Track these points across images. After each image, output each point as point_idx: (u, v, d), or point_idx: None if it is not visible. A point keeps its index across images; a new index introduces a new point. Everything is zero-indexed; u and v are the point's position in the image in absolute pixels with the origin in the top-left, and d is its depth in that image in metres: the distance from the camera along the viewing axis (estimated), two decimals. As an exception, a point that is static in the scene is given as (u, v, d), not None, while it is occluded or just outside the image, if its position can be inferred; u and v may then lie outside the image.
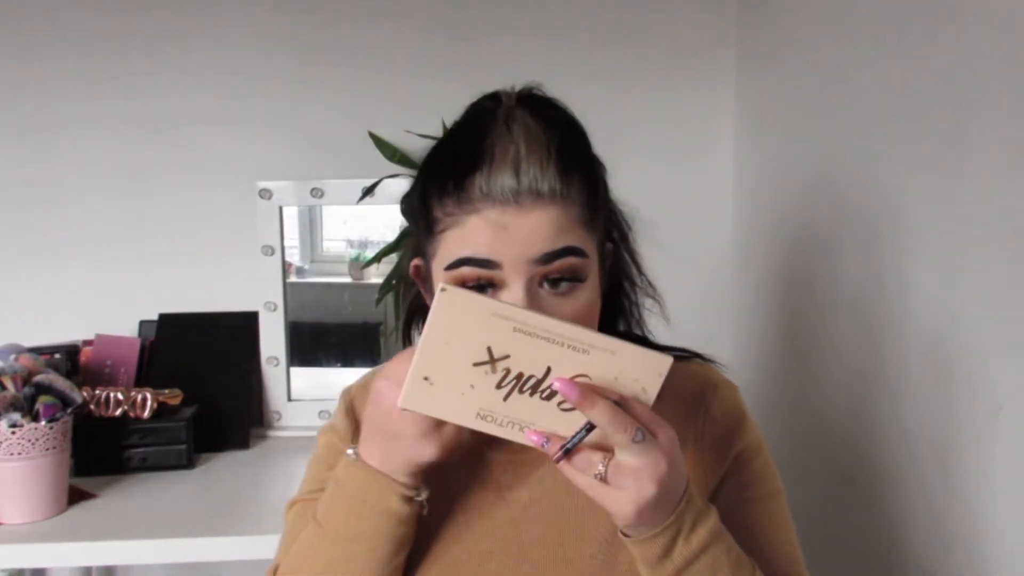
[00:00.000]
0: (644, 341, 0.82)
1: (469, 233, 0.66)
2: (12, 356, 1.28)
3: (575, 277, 0.68)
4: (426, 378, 0.63)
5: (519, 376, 0.62)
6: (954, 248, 0.96)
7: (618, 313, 0.82)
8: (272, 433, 1.66)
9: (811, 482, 1.34)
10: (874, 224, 1.15)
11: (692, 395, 0.80)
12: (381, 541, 0.71)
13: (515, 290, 0.66)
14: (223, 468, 1.47)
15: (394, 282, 1.52)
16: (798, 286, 1.43)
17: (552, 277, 0.67)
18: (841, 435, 1.26)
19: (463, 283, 0.67)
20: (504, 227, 0.65)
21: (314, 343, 1.74)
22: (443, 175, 0.68)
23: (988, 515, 0.91)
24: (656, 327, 0.84)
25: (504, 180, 0.65)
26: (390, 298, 1.54)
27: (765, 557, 0.75)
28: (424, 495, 0.72)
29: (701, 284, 1.76)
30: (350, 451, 0.72)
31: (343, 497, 0.72)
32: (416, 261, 0.77)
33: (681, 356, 0.82)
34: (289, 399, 1.69)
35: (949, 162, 0.96)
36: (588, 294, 0.69)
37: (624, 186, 0.80)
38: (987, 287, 0.90)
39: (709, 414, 0.80)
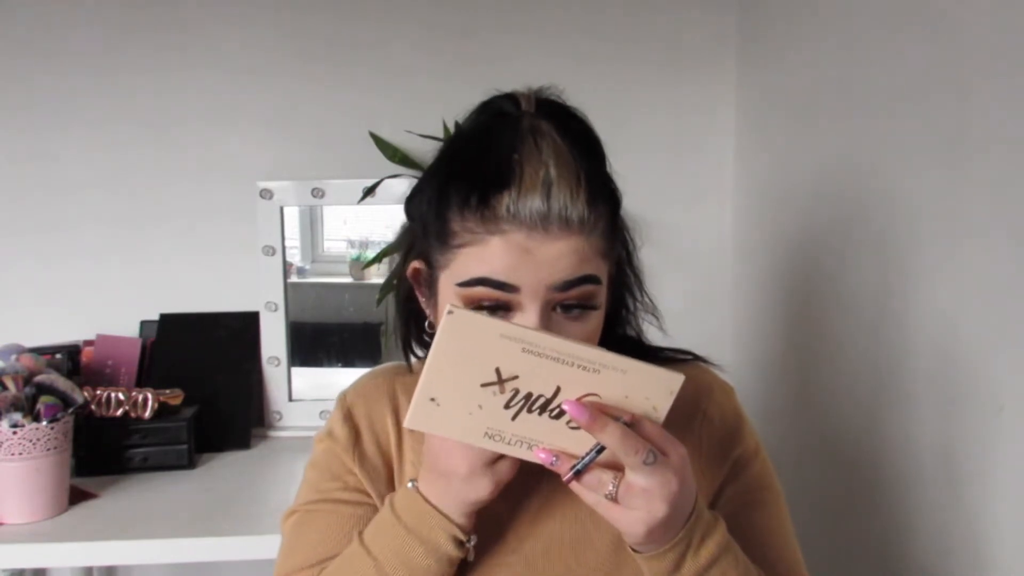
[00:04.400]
0: (639, 344, 0.82)
1: (490, 253, 0.65)
2: (13, 356, 1.28)
3: (589, 304, 0.68)
4: (433, 399, 0.63)
5: (528, 396, 0.62)
6: (956, 247, 0.96)
7: (616, 322, 0.81)
8: (273, 433, 1.66)
9: (812, 484, 1.34)
10: (875, 224, 1.15)
11: (689, 399, 0.79)
12: None
13: (530, 314, 0.66)
14: (224, 468, 1.47)
15: (395, 282, 1.51)
16: (799, 286, 1.43)
17: (567, 303, 0.67)
18: (842, 436, 1.26)
19: (477, 302, 0.66)
20: (528, 251, 0.64)
21: (315, 343, 1.74)
22: (465, 187, 0.66)
23: (990, 516, 0.91)
24: (653, 331, 0.84)
25: (534, 203, 0.64)
26: (391, 298, 1.52)
27: (766, 560, 0.75)
28: (473, 541, 0.72)
29: (701, 284, 1.76)
30: (410, 484, 0.72)
31: (398, 529, 0.71)
32: (417, 264, 0.75)
33: (679, 359, 0.82)
34: (290, 399, 1.69)
35: (952, 161, 0.96)
36: (598, 318, 0.70)
37: (624, 186, 0.79)
38: (990, 286, 0.90)
39: (707, 418, 0.80)
